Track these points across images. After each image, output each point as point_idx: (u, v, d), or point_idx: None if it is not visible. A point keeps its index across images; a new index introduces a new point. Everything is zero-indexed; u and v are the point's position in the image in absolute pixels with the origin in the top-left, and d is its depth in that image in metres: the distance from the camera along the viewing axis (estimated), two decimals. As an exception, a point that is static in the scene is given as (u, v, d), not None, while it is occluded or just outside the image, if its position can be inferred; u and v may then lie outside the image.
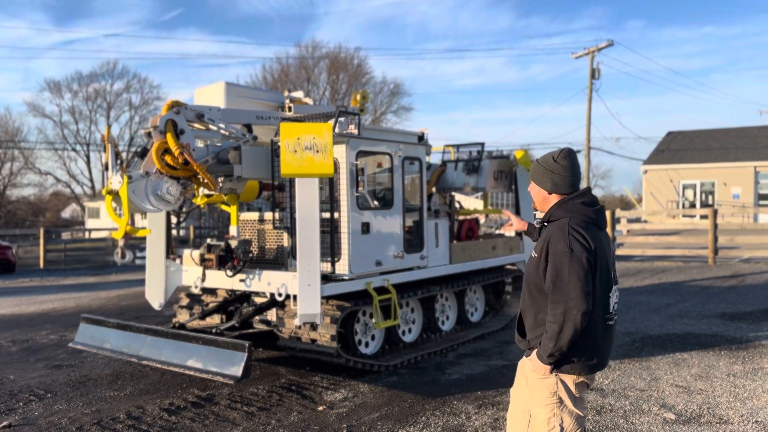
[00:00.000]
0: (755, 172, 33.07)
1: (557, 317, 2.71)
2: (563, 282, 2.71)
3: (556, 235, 2.80)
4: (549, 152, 3.03)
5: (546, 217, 2.98)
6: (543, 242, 2.86)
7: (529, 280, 2.93)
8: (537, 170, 3.01)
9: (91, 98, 49.20)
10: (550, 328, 2.74)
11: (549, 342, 2.74)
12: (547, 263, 2.79)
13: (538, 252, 2.88)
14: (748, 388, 5.61)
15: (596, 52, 31.65)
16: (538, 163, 3.03)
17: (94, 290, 13.74)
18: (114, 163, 5.76)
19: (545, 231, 2.94)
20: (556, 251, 2.76)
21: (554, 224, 2.88)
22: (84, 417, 5.22)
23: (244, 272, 6.36)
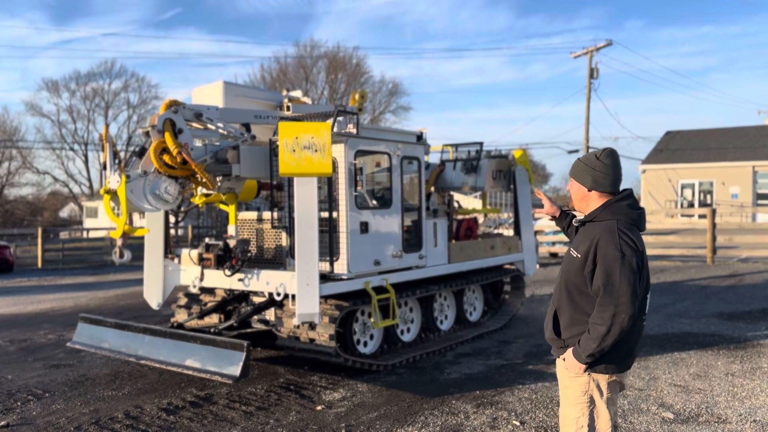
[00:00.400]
0: (753, 172, 33.11)
1: (605, 320, 2.72)
2: (614, 286, 2.72)
3: (605, 237, 2.79)
4: (592, 151, 3.04)
5: (589, 217, 2.96)
6: (589, 243, 2.83)
7: (569, 280, 2.91)
8: (578, 167, 3.00)
9: (89, 97, 49.18)
10: (596, 330, 2.74)
11: (592, 342, 2.75)
12: (595, 265, 2.78)
13: (582, 253, 2.85)
14: (747, 388, 5.62)
15: (595, 51, 31.67)
16: (580, 160, 3.02)
17: (92, 290, 13.72)
18: (112, 162, 5.75)
19: (588, 231, 2.91)
20: (606, 255, 2.75)
21: (600, 225, 2.87)
22: (82, 417, 5.21)
23: (242, 272, 6.35)
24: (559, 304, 2.98)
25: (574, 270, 2.88)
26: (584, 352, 2.79)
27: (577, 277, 2.86)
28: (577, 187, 3.01)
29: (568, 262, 2.95)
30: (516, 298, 9.18)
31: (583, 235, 2.93)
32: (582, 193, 2.99)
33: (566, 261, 2.98)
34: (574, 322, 2.90)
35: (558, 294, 3.00)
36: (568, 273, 2.92)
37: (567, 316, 2.93)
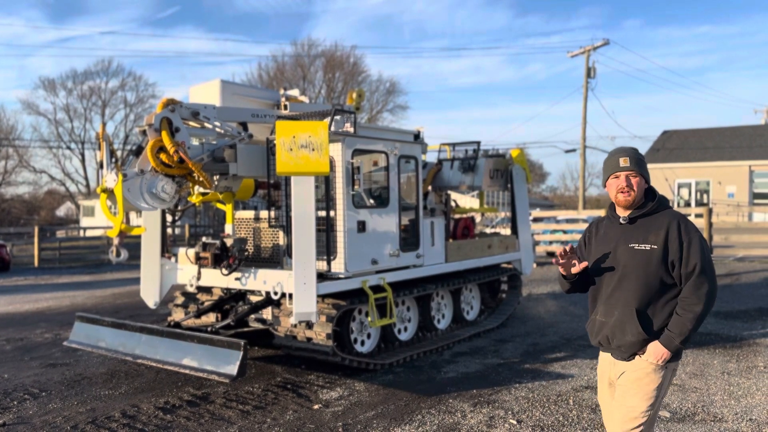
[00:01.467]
0: (750, 171, 33.18)
1: (702, 297, 2.78)
2: (708, 263, 2.81)
3: (683, 221, 2.87)
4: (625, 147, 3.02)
5: (649, 209, 2.94)
6: (664, 232, 2.85)
7: (649, 273, 2.85)
8: (641, 161, 2.97)
9: (85, 96, 49.07)
10: (693, 311, 2.78)
11: (689, 323, 2.78)
12: (682, 250, 2.81)
13: (659, 243, 2.84)
14: (743, 387, 5.63)
15: (592, 51, 31.69)
16: (636, 152, 2.98)
17: (89, 289, 13.70)
18: (109, 161, 5.74)
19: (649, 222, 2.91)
20: (692, 234, 2.84)
21: (665, 214, 2.92)
22: (79, 416, 5.20)
23: (239, 271, 6.35)
24: (640, 303, 2.88)
25: (655, 263, 2.84)
26: (679, 337, 2.80)
27: (659, 268, 2.84)
28: (643, 182, 2.97)
29: (641, 258, 2.87)
30: (513, 297, 9.19)
31: (643, 229, 2.91)
32: (644, 187, 2.97)
33: (636, 257, 2.88)
34: (659, 315, 2.89)
35: (635, 292, 2.88)
36: (647, 267, 2.85)
37: (651, 312, 2.89)
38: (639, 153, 2.99)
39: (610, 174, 2.98)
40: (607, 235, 3.04)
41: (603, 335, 2.99)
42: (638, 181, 2.93)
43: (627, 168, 2.93)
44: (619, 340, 2.93)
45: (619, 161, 2.95)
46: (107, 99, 49.73)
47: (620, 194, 2.95)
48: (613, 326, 2.94)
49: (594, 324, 3.07)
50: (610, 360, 3.06)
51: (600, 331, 3.01)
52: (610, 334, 2.95)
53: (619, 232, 2.99)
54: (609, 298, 2.98)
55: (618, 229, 3.01)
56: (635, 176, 2.93)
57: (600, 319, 3.02)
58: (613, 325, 2.94)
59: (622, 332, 2.91)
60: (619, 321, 2.92)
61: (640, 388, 2.90)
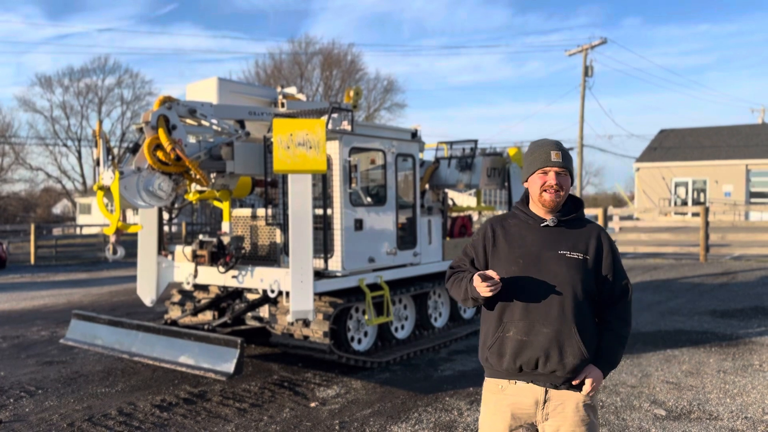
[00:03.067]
0: (747, 170, 33.26)
1: (629, 320, 2.58)
2: (629, 282, 2.60)
3: (605, 234, 2.59)
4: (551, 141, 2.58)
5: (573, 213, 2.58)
6: (594, 240, 2.53)
7: (585, 288, 2.46)
8: (567, 157, 2.55)
9: (82, 93, 48.89)
10: (625, 330, 2.56)
11: (621, 348, 2.54)
12: (613, 267, 2.54)
13: (590, 253, 2.50)
14: (738, 385, 5.65)
15: (590, 49, 31.72)
16: (564, 149, 2.57)
17: (86, 286, 13.67)
18: (105, 158, 5.73)
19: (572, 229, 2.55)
20: (617, 252, 2.58)
21: (587, 220, 2.63)
22: (75, 413, 5.20)
23: (236, 268, 6.34)
24: (577, 318, 2.43)
25: (588, 273, 2.47)
26: (616, 361, 2.54)
27: (591, 281, 2.48)
28: (570, 182, 2.56)
29: (574, 266, 2.46)
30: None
31: (571, 234, 2.53)
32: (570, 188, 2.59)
33: (570, 266, 2.47)
34: (592, 333, 2.49)
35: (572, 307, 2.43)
36: (581, 278, 2.46)
37: (587, 329, 2.46)
38: (564, 149, 2.59)
39: (538, 168, 2.51)
40: (523, 239, 2.54)
41: (527, 357, 2.42)
42: (568, 180, 2.53)
43: (558, 164, 2.49)
44: (554, 363, 2.40)
45: (550, 155, 2.50)
46: (104, 96, 49.61)
47: (547, 193, 2.50)
48: (544, 346, 2.40)
49: (506, 343, 2.46)
50: (534, 395, 2.47)
51: (521, 352, 2.43)
52: (542, 355, 2.41)
53: (541, 237, 2.52)
54: (531, 312, 2.44)
55: (538, 232, 2.53)
56: (566, 174, 2.51)
57: (518, 338, 2.43)
58: (545, 345, 2.40)
59: (559, 353, 2.40)
60: (554, 340, 2.40)
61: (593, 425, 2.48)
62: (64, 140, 49.22)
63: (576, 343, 2.41)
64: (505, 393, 2.52)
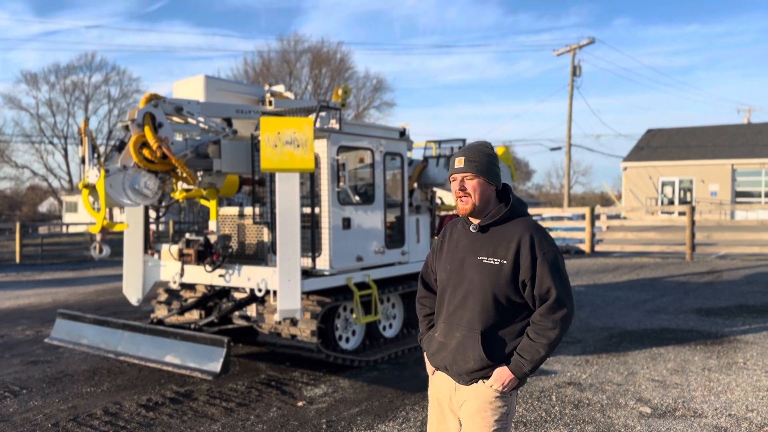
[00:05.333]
0: (732, 170, 33.58)
1: (557, 323, 2.45)
2: (564, 286, 2.48)
3: (537, 235, 2.49)
4: (474, 143, 2.64)
5: (498, 216, 2.55)
6: (515, 245, 2.48)
7: (497, 292, 2.49)
8: (486, 163, 2.55)
9: (68, 91, 48.49)
10: (547, 336, 2.45)
11: (542, 350, 2.45)
12: (534, 269, 2.47)
13: (508, 258, 2.48)
14: (722, 382, 5.70)
15: (578, 49, 31.87)
16: (483, 154, 2.56)
17: (72, 285, 13.56)
18: (91, 156, 5.68)
19: (499, 233, 2.54)
20: (545, 253, 2.47)
21: (520, 223, 2.54)
22: (60, 413, 5.15)
23: (223, 267, 6.31)
24: (485, 324, 2.50)
25: (503, 279, 2.47)
26: (530, 364, 2.46)
27: (508, 286, 2.48)
28: (487, 186, 2.56)
29: (490, 272, 2.49)
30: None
31: (494, 239, 2.53)
32: (490, 193, 2.57)
33: (484, 272, 2.50)
34: (507, 338, 2.53)
35: (481, 313, 2.51)
36: (495, 284, 2.48)
37: (499, 334, 2.52)
38: (483, 151, 2.58)
39: (449, 177, 2.59)
40: (458, 243, 2.63)
41: (441, 359, 2.61)
42: (477, 184, 2.53)
43: (461, 170, 2.54)
44: (459, 367, 2.55)
45: (455, 162, 2.56)
46: (90, 94, 49.22)
47: (459, 201, 2.56)
48: (454, 350, 2.56)
49: (432, 342, 2.67)
50: (450, 384, 2.65)
51: (438, 353, 2.62)
52: (450, 360, 2.57)
53: (469, 242, 2.58)
54: (451, 315, 2.59)
55: (470, 238, 2.59)
56: (472, 179, 2.53)
57: (439, 339, 2.62)
58: (455, 349, 2.55)
59: (464, 358, 2.53)
60: (461, 345, 2.54)
61: (484, 419, 2.53)
62: (50, 138, 48.83)
63: (477, 349, 2.50)
64: (437, 379, 2.74)
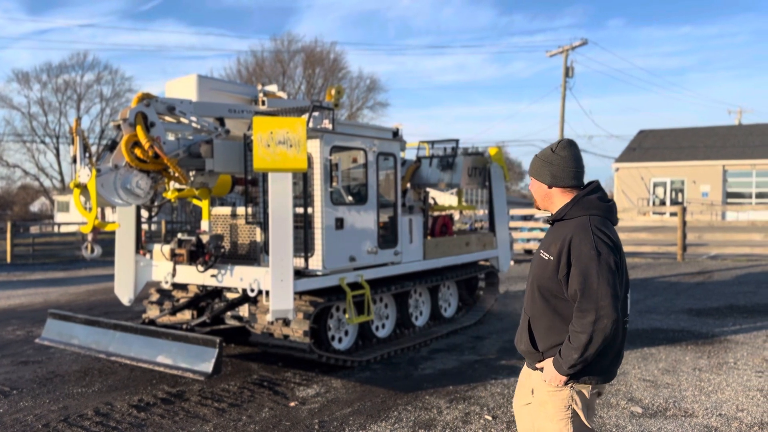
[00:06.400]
0: (723, 171, 33.79)
1: (585, 327, 2.47)
2: (592, 289, 2.47)
3: (579, 235, 2.56)
4: (551, 146, 2.81)
5: (559, 215, 2.71)
6: (561, 243, 2.59)
7: (542, 285, 2.65)
8: (536, 164, 2.77)
9: (60, 90, 48.22)
10: (577, 339, 2.49)
11: (573, 353, 2.50)
12: (570, 268, 2.54)
13: (553, 254, 2.60)
14: (713, 382, 5.74)
15: (570, 50, 31.98)
16: (537, 156, 2.78)
17: (63, 285, 13.48)
18: (82, 155, 5.65)
19: (558, 230, 2.68)
20: (581, 254, 2.51)
21: (572, 223, 2.63)
22: (50, 414, 5.12)
23: (215, 267, 6.29)
24: (532, 312, 2.70)
25: (548, 274, 2.61)
26: (566, 364, 2.53)
27: (551, 281, 2.60)
28: (537, 186, 2.77)
29: (540, 265, 2.68)
30: (490, 294, 9.24)
31: (553, 235, 2.68)
32: (543, 192, 2.76)
33: (537, 264, 2.71)
34: (552, 330, 2.63)
35: (530, 301, 2.71)
36: (541, 278, 2.65)
37: (544, 325, 2.66)
38: (541, 155, 2.77)
39: None
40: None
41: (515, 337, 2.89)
42: (533, 186, 2.81)
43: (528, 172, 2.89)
44: (519, 346, 2.82)
45: None
46: (83, 93, 48.97)
47: None
48: (518, 331, 2.83)
49: None
50: (526, 369, 2.87)
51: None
52: (517, 338, 2.84)
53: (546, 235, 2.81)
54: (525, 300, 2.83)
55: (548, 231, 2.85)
56: (532, 183, 2.83)
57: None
58: (518, 329, 2.83)
59: (520, 339, 2.79)
60: (521, 327, 2.79)
61: (546, 412, 2.68)
62: (42, 137, 48.52)
63: (526, 334, 2.74)
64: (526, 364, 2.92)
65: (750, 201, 33.40)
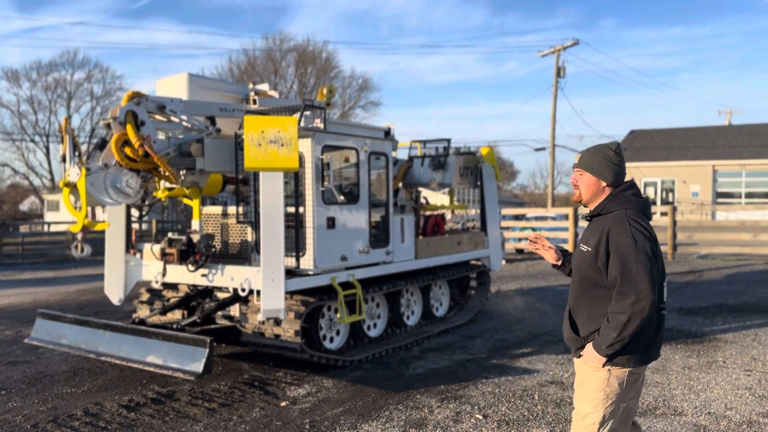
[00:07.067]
0: (713, 171, 34.01)
1: (625, 308, 2.70)
2: (631, 273, 2.70)
3: (616, 227, 2.79)
4: (599, 144, 3.01)
5: (597, 210, 2.95)
6: (599, 235, 2.83)
7: (583, 275, 2.91)
8: (595, 161, 2.95)
9: (50, 88, 47.90)
10: (616, 319, 2.72)
11: (612, 332, 2.73)
12: (608, 256, 2.77)
13: (592, 246, 2.85)
14: (702, 381, 5.77)
15: (562, 51, 32.07)
16: (597, 155, 2.96)
17: (53, 285, 13.40)
18: (72, 154, 5.62)
19: (596, 224, 2.92)
20: (619, 243, 2.75)
21: (609, 216, 2.87)
22: (39, 414, 5.09)
23: (206, 267, 6.27)
24: (574, 303, 2.97)
25: (587, 264, 2.87)
26: (604, 343, 2.76)
27: (591, 270, 2.86)
28: (594, 182, 2.96)
29: (580, 257, 2.93)
30: (482, 294, 9.26)
31: (591, 229, 2.93)
32: (599, 188, 2.96)
33: (577, 257, 2.96)
34: (592, 318, 2.89)
35: (574, 292, 2.99)
36: (582, 269, 2.91)
37: (585, 314, 2.92)
38: (598, 151, 2.97)
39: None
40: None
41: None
42: (585, 179, 2.98)
43: (575, 165, 3.03)
44: (564, 335, 3.09)
45: (576, 158, 3.06)
46: (73, 91, 48.67)
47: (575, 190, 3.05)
48: (563, 321, 3.10)
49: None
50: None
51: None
52: (562, 328, 3.13)
53: (584, 230, 3.06)
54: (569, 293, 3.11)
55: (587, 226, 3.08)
56: (581, 174, 2.99)
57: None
58: (564, 320, 3.10)
59: (564, 327, 3.07)
60: (565, 318, 3.08)
61: (582, 391, 2.94)
62: (32, 136, 48.18)
63: (568, 324, 3.01)
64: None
65: (740, 201, 33.64)
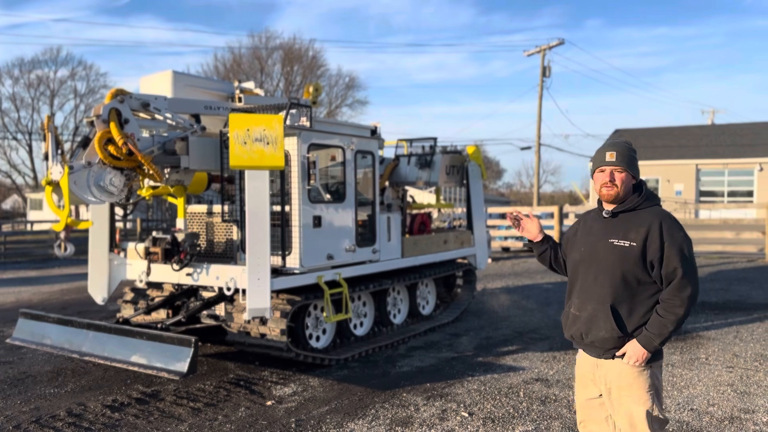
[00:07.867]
0: (697, 170, 34.36)
1: (684, 300, 2.73)
2: (691, 266, 2.76)
3: (667, 221, 2.81)
4: (617, 141, 2.98)
5: (632, 205, 2.91)
6: (645, 230, 2.81)
7: (627, 270, 2.83)
8: (631, 158, 2.94)
9: (33, 85, 47.28)
10: (674, 312, 2.74)
11: (670, 325, 2.74)
12: (662, 251, 2.76)
13: (637, 241, 2.81)
14: (685, 378, 5.83)
15: (547, 50, 32.24)
16: (630, 151, 2.94)
17: (36, 284, 13.25)
18: (55, 152, 5.55)
19: (631, 219, 2.88)
20: (675, 236, 2.78)
21: (648, 211, 2.88)
22: (22, 415, 5.03)
23: (191, 266, 6.23)
24: (615, 299, 2.86)
25: (632, 260, 2.81)
26: (659, 338, 2.75)
27: (636, 266, 2.82)
28: (631, 178, 2.94)
29: (620, 253, 2.84)
30: (468, 292, 9.29)
31: (626, 224, 2.88)
32: (630, 183, 2.94)
33: (615, 253, 2.86)
34: (635, 313, 2.85)
35: (611, 288, 2.86)
36: (625, 264, 2.83)
37: (626, 310, 2.86)
38: (629, 148, 2.96)
39: (597, 168, 2.97)
40: (591, 229, 3.03)
41: (576, 329, 2.98)
42: (624, 177, 2.91)
43: (612, 163, 2.91)
44: (593, 335, 2.90)
45: (605, 155, 2.93)
46: (56, 89, 48.09)
47: (604, 188, 2.94)
48: (586, 321, 2.92)
49: (567, 316, 3.06)
50: (591, 361, 3.01)
51: (573, 325, 3.00)
52: (584, 329, 2.93)
53: (602, 226, 2.97)
54: (584, 291, 2.97)
55: (602, 223, 2.98)
56: (621, 172, 2.91)
57: (573, 312, 3.00)
58: (587, 319, 2.92)
59: (597, 328, 2.88)
60: (593, 316, 2.90)
61: (631, 394, 2.87)
62: (14, 133, 47.55)
63: (609, 320, 2.85)
64: (580, 359, 3.10)
65: (722, 199, 34.03)
